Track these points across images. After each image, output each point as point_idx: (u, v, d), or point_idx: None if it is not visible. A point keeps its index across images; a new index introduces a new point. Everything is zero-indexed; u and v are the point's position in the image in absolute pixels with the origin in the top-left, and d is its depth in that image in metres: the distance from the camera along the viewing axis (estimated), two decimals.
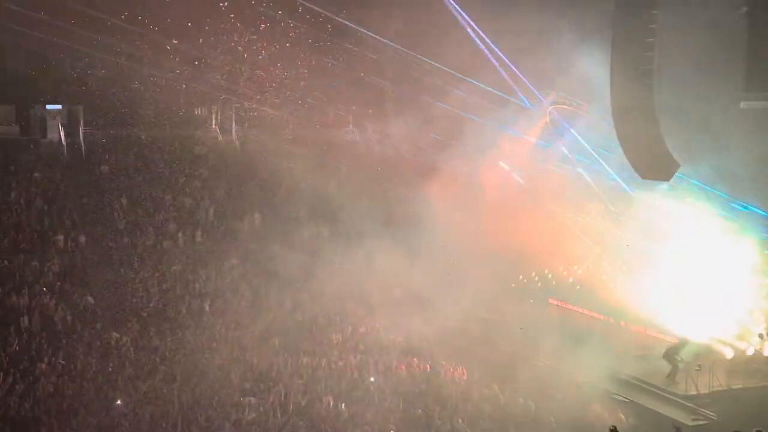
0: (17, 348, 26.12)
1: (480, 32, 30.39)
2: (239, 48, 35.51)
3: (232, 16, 34.22)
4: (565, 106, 32.32)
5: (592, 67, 28.21)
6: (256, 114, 38.57)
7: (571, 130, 31.66)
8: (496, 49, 30.36)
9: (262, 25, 34.66)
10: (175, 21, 33.24)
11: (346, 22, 33.97)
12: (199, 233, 33.42)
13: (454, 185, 31.18)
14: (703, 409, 23.31)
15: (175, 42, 34.39)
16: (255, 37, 35.11)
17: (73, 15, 32.37)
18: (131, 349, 26.93)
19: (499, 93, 31.46)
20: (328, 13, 34.20)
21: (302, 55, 36.03)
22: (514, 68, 30.60)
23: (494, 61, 30.33)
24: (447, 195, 30.53)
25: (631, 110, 25.02)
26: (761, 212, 29.11)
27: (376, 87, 36.84)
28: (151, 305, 29.64)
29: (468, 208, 30.38)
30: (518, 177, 32.69)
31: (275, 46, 35.17)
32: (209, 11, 34.06)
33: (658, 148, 24.51)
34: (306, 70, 36.28)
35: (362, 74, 35.99)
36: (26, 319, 27.53)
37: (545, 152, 32.88)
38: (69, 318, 28.08)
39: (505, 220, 29.64)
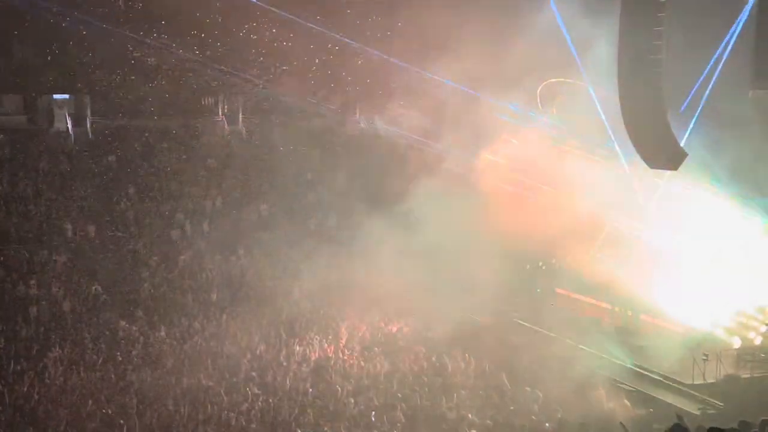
0: (26, 337, 26.31)
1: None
2: (247, 36, 35.42)
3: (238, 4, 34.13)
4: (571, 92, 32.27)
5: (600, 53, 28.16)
6: (263, 103, 38.52)
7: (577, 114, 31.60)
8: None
9: (268, 13, 34.55)
10: (182, 8, 33.16)
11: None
12: (206, 223, 33.49)
13: (454, 173, 31.17)
14: (709, 398, 23.31)
15: (183, 30, 34.33)
16: (261, 25, 35.03)
17: (81, 3, 32.48)
18: (139, 337, 27.11)
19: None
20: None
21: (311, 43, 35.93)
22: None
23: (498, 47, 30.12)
24: (448, 183, 30.51)
25: (638, 99, 24.95)
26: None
27: (383, 74, 36.70)
28: (157, 295, 29.73)
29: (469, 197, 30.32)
30: (521, 163, 32.54)
31: (282, 34, 35.09)
32: None
33: (665, 137, 24.47)
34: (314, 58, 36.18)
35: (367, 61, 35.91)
36: (35, 308, 27.68)
37: (548, 137, 32.81)
38: (77, 307, 28.24)
39: (508, 209, 29.55)
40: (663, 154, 23.72)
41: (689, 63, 27.86)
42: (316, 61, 35.90)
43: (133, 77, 36.17)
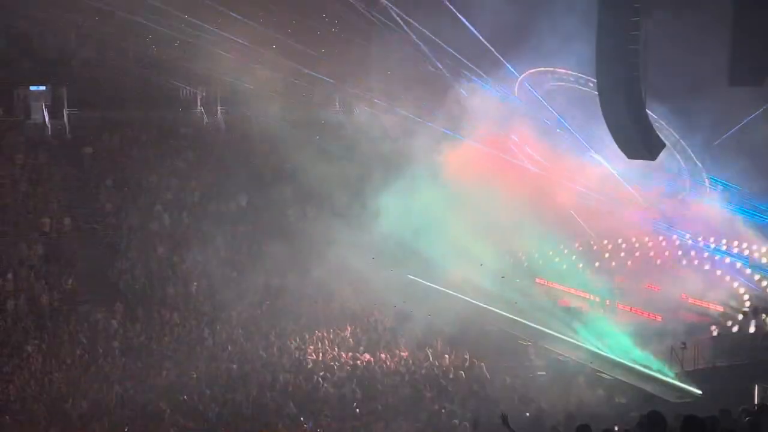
0: (3, 330, 26.18)
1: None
2: (225, 26, 35.19)
3: None
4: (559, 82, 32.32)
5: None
6: (241, 95, 38.29)
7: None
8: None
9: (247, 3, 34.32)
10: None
11: None
12: (185, 214, 33.32)
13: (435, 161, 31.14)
14: (687, 387, 23.46)
15: (161, 22, 34.05)
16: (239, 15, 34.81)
17: None
18: (119, 330, 27.01)
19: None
20: None
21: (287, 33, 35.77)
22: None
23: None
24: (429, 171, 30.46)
25: (616, 88, 24.99)
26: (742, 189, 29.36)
27: (362, 63, 36.57)
28: (136, 287, 29.60)
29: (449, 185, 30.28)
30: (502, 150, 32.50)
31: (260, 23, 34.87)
32: None
33: (643, 127, 24.54)
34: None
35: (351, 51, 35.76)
36: (12, 302, 27.48)
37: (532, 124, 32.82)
38: (55, 300, 28.10)
39: (489, 199, 29.53)
40: (641, 143, 23.72)
41: (668, 54, 27.96)
42: (295, 51, 35.71)
43: (110, 68, 35.89)
